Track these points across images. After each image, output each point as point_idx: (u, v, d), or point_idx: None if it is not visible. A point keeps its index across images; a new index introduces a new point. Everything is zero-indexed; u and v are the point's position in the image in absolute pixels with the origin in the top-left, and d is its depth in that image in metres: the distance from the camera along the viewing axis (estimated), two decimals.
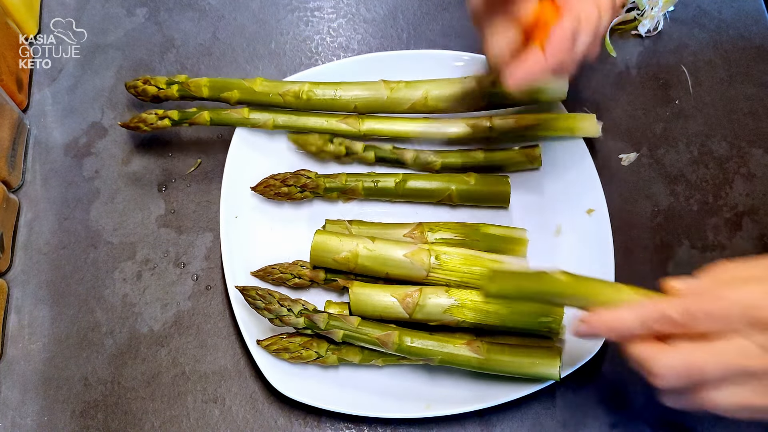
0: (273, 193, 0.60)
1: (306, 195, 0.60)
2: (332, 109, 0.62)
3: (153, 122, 0.60)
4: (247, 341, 0.55)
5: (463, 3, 0.72)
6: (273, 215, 0.61)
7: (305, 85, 0.61)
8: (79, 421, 0.56)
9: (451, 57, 0.65)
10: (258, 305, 0.52)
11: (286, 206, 0.61)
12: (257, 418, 0.56)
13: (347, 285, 0.55)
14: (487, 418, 0.56)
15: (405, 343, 0.52)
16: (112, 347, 0.58)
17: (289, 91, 0.60)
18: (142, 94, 0.61)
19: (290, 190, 0.59)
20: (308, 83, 0.61)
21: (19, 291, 0.59)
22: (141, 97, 0.62)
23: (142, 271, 0.60)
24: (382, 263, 0.55)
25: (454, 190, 0.60)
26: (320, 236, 0.56)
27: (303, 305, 0.53)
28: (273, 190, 0.59)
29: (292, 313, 0.52)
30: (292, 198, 0.60)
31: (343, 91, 0.61)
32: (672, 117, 0.67)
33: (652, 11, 0.68)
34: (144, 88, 0.61)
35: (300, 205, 0.61)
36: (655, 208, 0.63)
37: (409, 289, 0.54)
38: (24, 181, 0.64)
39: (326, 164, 0.62)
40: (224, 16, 0.71)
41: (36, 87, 0.67)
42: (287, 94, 0.60)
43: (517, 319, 0.53)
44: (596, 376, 0.57)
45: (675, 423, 0.56)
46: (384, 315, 0.54)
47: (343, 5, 0.72)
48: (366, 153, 0.61)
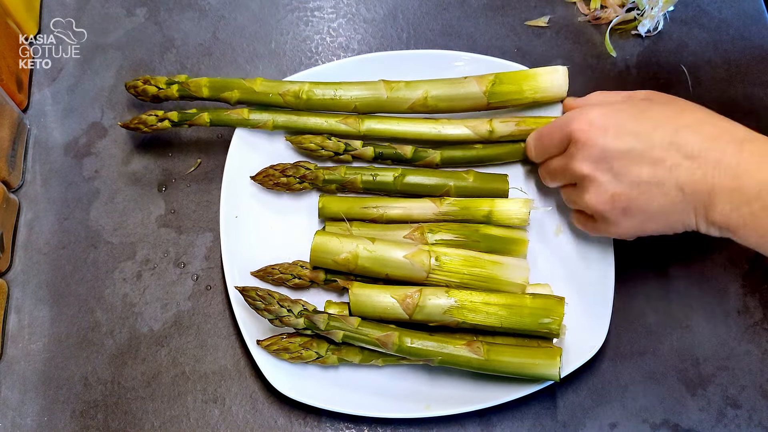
0: (272, 183, 0.60)
1: (305, 186, 0.60)
2: (332, 108, 0.62)
3: (153, 124, 0.60)
4: (247, 341, 0.55)
5: (463, 3, 0.72)
6: (273, 215, 0.61)
7: (305, 85, 0.61)
8: (79, 421, 0.56)
9: (451, 57, 0.65)
10: (258, 306, 0.52)
11: (286, 206, 0.61)
12: (257, 418, 0.56)
13: (347, 286, 0.55)
14: (487, 418, 0.56)
15: (405, 344, 0.52)
16: (112, 347, 0.58)
17: (288, 91, 0.60)
18: (142, 94, 0.61)
19: (289, 181, 0.59)
20: (308, 83, 0.61)
21: (19, 291, 0.60)
22: (141, 97, 0.62)
23: (142, 271, 0.60)
24: (382, 264, 0.55)
25: (452, 186, 0.60)
26: (320, 237, 0.56)
27: (303, 306, 0.53)
28: (272, 180, 0.59)
29: (292, 314, 0.52)
30: (291, 189, 0.60)
31: (343, 91, 0.61)
32: None
33: (652, 11, 0.68)
34: (144, 88, 0.61)
35: (300, 204, 0.61)
36: None
37: (409, 290, 0.54)
38: (24, 181, 0.64)
39: (325, 163, 0.62)
40: (224, 16, 0.71)
41: (36, 87, 0.67)
42: (287, 94, 0.60)
43: (517, 320, 0.53)
44: (596, 376, 0.57)
45: (675, 423, 0.56)
46: (384, 316, 0.54)
47: (343, 5, 0.72)
48: (364, 149, 0.61)
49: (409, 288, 0.54)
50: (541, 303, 0.54)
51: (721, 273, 0.61)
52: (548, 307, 0.53)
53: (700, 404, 0.57)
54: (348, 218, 0.59)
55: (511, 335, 0.55)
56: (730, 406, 0.57)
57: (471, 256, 0.56)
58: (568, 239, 0.60)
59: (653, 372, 0.58)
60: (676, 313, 0.60)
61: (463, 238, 0.57)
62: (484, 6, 0.72)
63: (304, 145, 0.61)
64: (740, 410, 0.57)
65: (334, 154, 0.61)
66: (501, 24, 0.71)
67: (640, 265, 0.61)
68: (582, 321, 0.56)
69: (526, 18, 0.71)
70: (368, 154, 0.61)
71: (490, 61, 0.64)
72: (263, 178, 0.60)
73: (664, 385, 0.57)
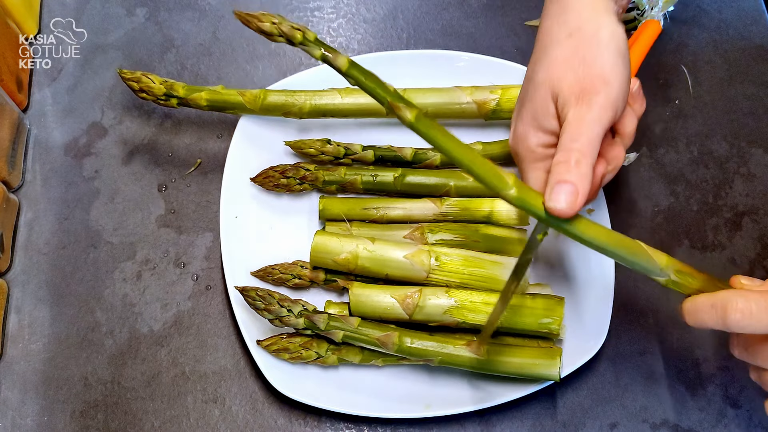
0: (272, 185, 0.60)
1: (305, 187, 0.60)
2: (334, 116, 0.62)
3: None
4: (247, 341, 0.55)
5: (463, 3, 0.72)
6: (273, 215, 0.61)
7: (301, 95, 0.61)
8: (79, 421, 0.56)
9: (451, 57, 0.65)
10: (258, 306, 0.52)
11: (286, 206, 0.61)
12: (257, 418, 0.56)
13: (347, 286, 0.55)
14: (487, 418, 0.56)
15: (405, 344, 0.52)
16: (112, 347, 0.58)
17: (293, 106, 0.61)
18: (145, 90, 0.61)
19: (289, 182, 0.59)
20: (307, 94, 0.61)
21: (19, 291, 0.60)
22: (142, 95, 0.61)
23: (142, 271, 0.60)
24: (382, 264, 0.55)
25: (453, 186, 0.60)
26: (320, 237, 0.56)
27: (303, 306, 0.53)
28: (272, 181, 0.59)
29: (292, 314, 0.52)
30: (291, 190, 0.60)
31: (343, 98, 0.61)
32: (672, 117, 0.67)
33: (651, 11, 0.68)
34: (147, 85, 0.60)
35: (300, 204, 0.61)
36: (655, 208, 0.63)
37: (409, 290, 0.54)
38: (24, 181, 0.64)
39: (325, 166, 0.62)
40: (224, 16, 0.71)
41: (36, 87, 0.67)
42: (291, 112, 0.61)
43: (517, 320, 0.53)
44: (596, 376, 0.57)
45: (675, 423, 0.56)
46: (384, 316, 0.54)
47: (343, 5, 0.72)
48: (365, 153, 0.61)
49: (409, 288, 0.54)
50: (541, 303, 0.54)
51: (721, 273, 0.61)
52: (548, 307, 0.53)
53: (700, 404, 0.57)
54: (348, 219, 0.59)
55: (511, 335, 0.55)
56: (730, 406, 0.57)
57: (471, 256, 0.56)
58: (568, 239, 0.60)
59: (653, 372, 0.58)
60: (676, 313, 0.60)
61: (463, 238, 0.57)
62: (484, 6, 0.72)
63: (304, 150, 0.61)
64: (740, 410, 0.57)
65: (334, 158, 0.61)
66: (501, 24, 0.71)
67: None
68: (582, 321, 0.56)
69: (526, 18, 0.71)
70: (368, 157, 0.61)
71: (490, 61, 0.64)
72: (263, 180, 0.60)
73: (664, 385, 0.57)
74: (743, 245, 0.62)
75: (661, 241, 0.62)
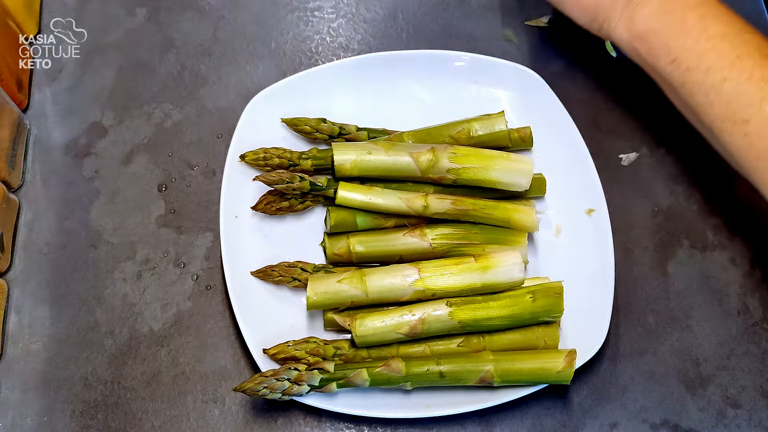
0: (274, 209, 0.59)
1: (307, 204, 0.60)
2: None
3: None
4: (247, 341, 0.55)
5: (463, 3, 0.72)
6: (273, 215, 0.61)
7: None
8: (79, 421, 0.56)
9: (451, 57, 0.65)
10: (262, 390, 0.52)
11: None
12: (257, 418, 0.56)
13: (350, 324, 0.54)
14: (487, 418, 0.56)
15: (413, 370, 0.52)
16: (112, 347, 0.58)
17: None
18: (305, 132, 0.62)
19: (291, 203, 0.59)
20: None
21: (19, 291, 0.59)
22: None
23: (142, 271, 0.60)
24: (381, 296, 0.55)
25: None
26: (312, 300, 0.54)
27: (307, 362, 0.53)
28: (274, 206, 0.59)
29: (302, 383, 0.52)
30: (294, 210, 0.60)
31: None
32: (672, 117, 0.67)
33: None
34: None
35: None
36: (655, 208, 0.63)
37: (412, 315, 0.53)
38: (24, 181, 0.64)
39: (320, 146, 0.63)
40: (224, 16, 0.71)
41: (36, 87, 0.67)
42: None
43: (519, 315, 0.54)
44: (596, 376, 0.57)
45: (675, 423, 0.56)
46: (389, 341, 0.54)
47: (343, 5, 0.72)
48: (359, 133, 0.61)
49: (409, 310, 0.54)
50: (540, 288, 0.54)
51: (721, 273, 0.61)
52: (547, 289, 0.54)
53: (700, 404, 0.57)
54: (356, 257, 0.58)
55: (513, 328, 0.55)
56: (730, 406, 0.57)
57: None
58: (568, 239, 0.60)
59: (653, 372, 0.58)
60: (676, 313, 0.60)
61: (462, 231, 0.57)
62: (484, 6, 0.72)
63: (299, 127, 0.61)
64: (740, 410, 0.57)
65: (328, 137, 0.61)
66: (501, 24, 0.71)
67: (640, 265, 0.61)
68: (582, 321, 0.56)
69: (526, 18, 0.71)
70: (362, 138, 0.61)
71: (490, 61, 0.65)
72: (265, 207, 0.59)
73: (664, 385, 0.57)
74: (743, 245, 0.62)
75: (661, 241, 0.62)
